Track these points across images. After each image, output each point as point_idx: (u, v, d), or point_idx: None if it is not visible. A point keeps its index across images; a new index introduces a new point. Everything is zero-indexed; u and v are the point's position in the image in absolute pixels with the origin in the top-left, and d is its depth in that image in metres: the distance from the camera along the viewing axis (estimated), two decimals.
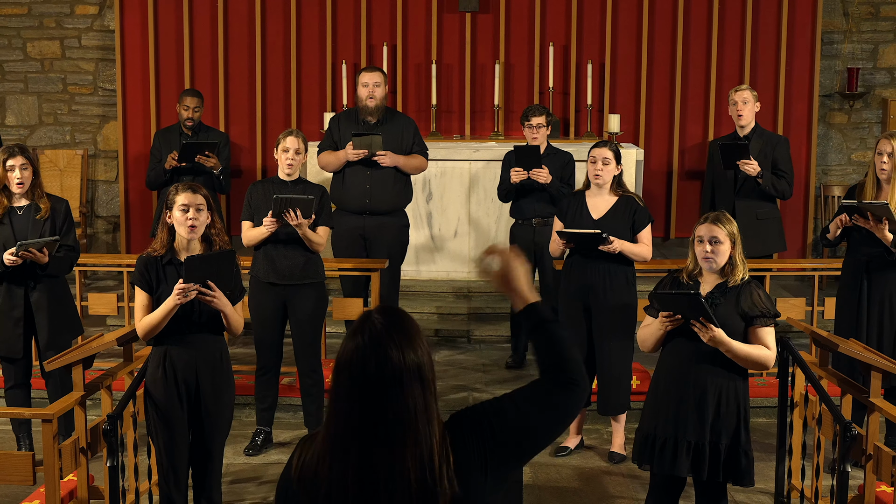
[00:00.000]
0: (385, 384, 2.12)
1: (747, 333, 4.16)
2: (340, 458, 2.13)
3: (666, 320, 4.15)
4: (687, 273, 4.29)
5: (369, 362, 2.13)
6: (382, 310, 2.20)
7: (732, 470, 4.16)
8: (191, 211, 4.44)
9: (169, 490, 4.54)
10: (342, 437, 2.14)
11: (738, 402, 4.17)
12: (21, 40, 9.48)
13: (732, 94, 6.99)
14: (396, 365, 2.13)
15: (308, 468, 2.17)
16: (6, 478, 4.34)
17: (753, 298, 4.16)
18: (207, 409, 4.53)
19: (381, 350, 2.13)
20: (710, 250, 4.17)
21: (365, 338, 2.14)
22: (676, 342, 4.20)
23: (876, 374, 4.45)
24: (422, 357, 2.16)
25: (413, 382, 2.14)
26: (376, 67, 7.01)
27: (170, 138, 7.47)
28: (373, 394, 2.13)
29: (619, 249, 5.50)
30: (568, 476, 5.62)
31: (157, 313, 4.42)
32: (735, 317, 4.14)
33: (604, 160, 5.60)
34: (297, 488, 2.17)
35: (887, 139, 5.41)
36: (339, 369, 2.17)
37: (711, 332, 4.04)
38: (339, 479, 2.12)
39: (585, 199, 5.69)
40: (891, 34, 9.37)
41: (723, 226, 4.20)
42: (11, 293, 5.48)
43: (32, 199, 5.48)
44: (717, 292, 4.18)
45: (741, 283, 4.19)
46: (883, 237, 5.30)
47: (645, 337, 4.32)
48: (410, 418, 2.12)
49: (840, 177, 9.44)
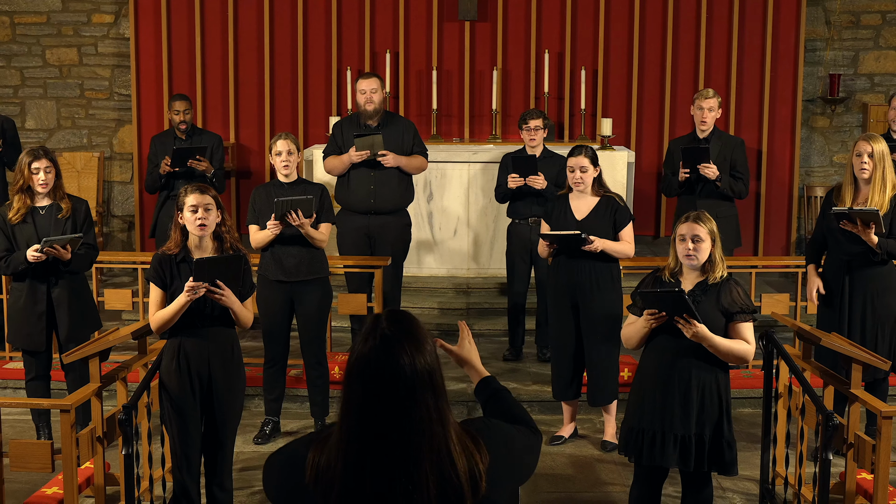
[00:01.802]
0: (398, 390, 2.06)
1: (728, 328, 4.16)
2: (355, 463, 2.07)
3: (651, 318, 4.14)
4: (669, 271, 4.27)
5: (383, 370, 2.07)
6: (392, 315, 2.15)
7: (717, 460, 4.15)
8: (199, 211, 4.46)
9: (182, 477, 4.54)
10: (357, 442, 2.07)
11: (721, 394, 4.17)
12: (40, 48, 9.48)
13: (700, 100, 6.95)
14: (408, 372, 2.07)
15: (323, 470, 2.11)
16: (26, 465, 4.34)
17: (733, 295, 4.15)
18: (219, 399, 4.53)
19: (392, 358, 2.07)
20: (692, 248, 4.17)
21: (377, 344, 2.09)
22: (660, 339, 4.19)
23: (857, 367, 4.45)
24: (432, 363, 2.12)
25: (426, 388, 2.09)
26: (372, 73, 7.00)
27: (164, 143, 7.41)
28: (386, 400, 2.06)
29: (600, 248, 5.50)
30: (562, 463, 5.63)
31: (170, 309, 4.43)
32: (716, 313, 4.14)
33: (581, 168, 5.60)
34: (313, 489, 2.11)
35: (866, 140, 5.39)
36: (351, 375, 2.11)
37: (695, 328, 4.04)
38: (354, 482, 2.06)
39: (569, 202, 5.70)
40: (870, 42, 9.37)
41: (703, 224, 4.20)
42: (34, 289, 5.47)
43: (54, 199, 5.48)
44: (698, 290, 4.18)
45: (721, 281, 4.18)
46: (869, 240, 5.29)
47: (629, 335, 4.30)
48: (424, 423, 2.07)
49: (822, 178, 9.44)
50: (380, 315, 2.16)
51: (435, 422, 2.08)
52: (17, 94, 9.54)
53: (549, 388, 6.33)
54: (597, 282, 5.58)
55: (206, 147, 7.24)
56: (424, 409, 2.07)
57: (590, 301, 5.59)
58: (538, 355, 7.05)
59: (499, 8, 9.01)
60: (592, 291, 5.58)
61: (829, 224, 5.46)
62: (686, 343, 4.10)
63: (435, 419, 2.08)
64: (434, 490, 2.05)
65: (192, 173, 7.11)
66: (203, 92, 9.14)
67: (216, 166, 7.27)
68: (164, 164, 7.17)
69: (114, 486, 4.90)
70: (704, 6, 8.97)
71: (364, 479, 2.05)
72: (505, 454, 2.20)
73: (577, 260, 5.58)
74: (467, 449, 2.11)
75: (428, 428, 2.06)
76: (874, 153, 5.34)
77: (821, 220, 5.68)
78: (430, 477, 2.05)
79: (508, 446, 2.23)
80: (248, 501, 5.11)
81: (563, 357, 5.75)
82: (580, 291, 5.60)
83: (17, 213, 5.40)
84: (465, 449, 2.10)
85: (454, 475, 2.06)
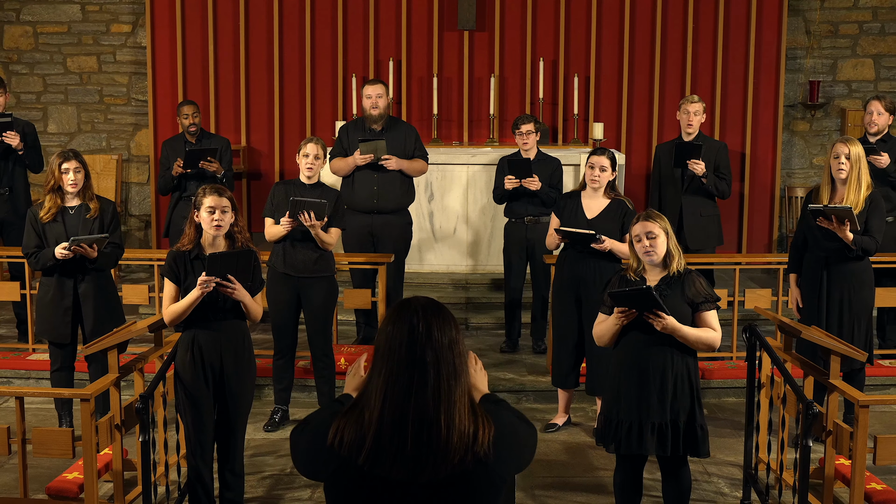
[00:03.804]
0: (428, 352, 2.21)
1: (694, 318, 4.15)
2: (393, 408, 2.19)
3: (622, 315, 4.13)
4: (633, 271, 4.26)
5: (421, 336, 2.22)
6: (422, 298, 2.31)
7: (691, 443, 4.15)
8: (217, 213, 4.45)
9: (196, 462, 4.54)
10: (389, 398, 2.19)
11: (691, 382, 4.16)
12: (62, 56, 9.47)
13: (686, 105, 6.96)
14: (438, 338, 2.23)
15: (355, 429, 2.21)
16: (49, 451, 4.34)
17: (696, 287, 4.15)
18: (231, 389, 4.53)
19: (430, 327, 2.23)
20: (648, 245, 4.16)
21: (418, 318, 2.24)
22: (632, 334, 4.17)
23: (835, 358, 4.44)
24: (454, 336, 2.26)
25: (448, 354, 2.23)
26: (378, 80, 6.99)
27: (176, 147, 7.39)
28: (423, 359, 2.21)
29: (609, 248, 5.50)
30: (556, 450, 5.62)
31: (183, 302, 4.43)
32: (683, 305, 4.13)
33: (601, 167, 5.60)
34: (338, 449, 2.20)
35: (843, 143, 5.38)
36: (393, 339, 2.23)
37: (664, 321, 4.03)
38: (391, 424, 2.18)
39: (581, 200, 5.69)
40: (848, 51, 9.37)
41: (655, 221, 4.19)
42: (62, 284, 5.47)
43: (84, 199, 5.47)
44: (663, 284, 4.17)
45: (683, 274, 4.18)
46: (844, 236, 5.29)
47: (601, 332, 4.28)
48: (443, 384, 2.20)
49: (803, 179, 9.44)
50: (410, 299, 2.31)
51: (453, 383, 2.21)
52: (40, 100, 9.53)
53: (544, 378, 6.33)
54: (600, 278, 5.56)
55: (216, 149, 7.23)
56: (446, 369, 2.22)
57: (593, 295, 5.56)
58: (533, 347, 7.04)
59: (496, 18, 9.00)
60: (596, 286, 5.55)
61: (809, 222, 5.46)
62: (657, 336, 4.10)
63: (453, 381, 2.21)
64: (444, 433, 2.17)
65: (204, 174, 7.10)
66: (216, 97, 9.13)
67: (225, 167, 7.26)
68: (176, 165, 7.16)
69: (131, 471, 4.90)
70: (691, 17, 8.97)
71: (396, 427, 2.18)
72: (509, 433, 2.27)
73: (584, 256, 5.57)
74: (477, 416, 2.23)
75: (447, 384, 2.20)
76: (850, 155, 5.34)
77: (801, 221, 5.68)
78: (446, 427, 2.17)
79: (511, 429, 2.29)
80: (258, 485, 5.10)
81: (564, 347, 5.74)
82: (584, 286, 5.59)
83: (49, 213, 5.39)
84: (474, 415, 2.23)
85: (465, 429, 2.19)
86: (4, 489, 5.01)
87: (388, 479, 2.17)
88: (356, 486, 2.20)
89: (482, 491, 2.21)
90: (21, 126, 6.99)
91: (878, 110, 6.66)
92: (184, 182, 7.24)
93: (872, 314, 5.68)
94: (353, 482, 2.20)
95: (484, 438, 2.20)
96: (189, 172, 7.14)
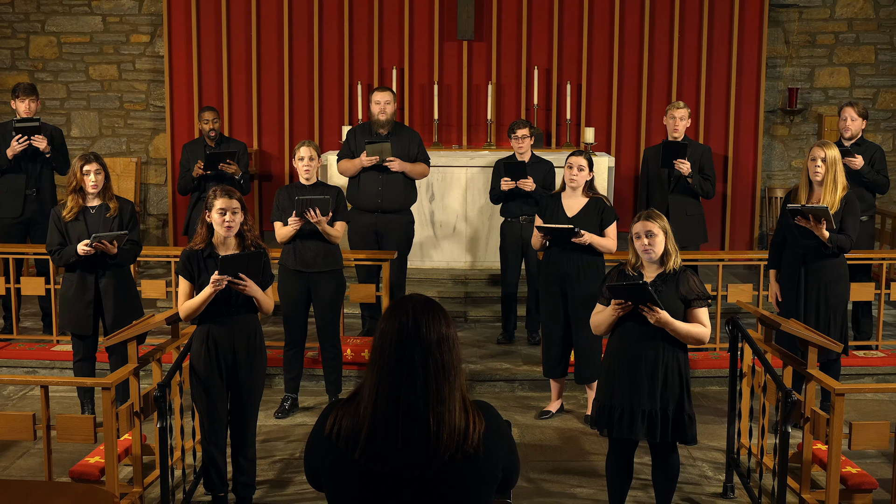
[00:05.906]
0: (417, 351, 2.14)
1: (686, 314, 4.15)
2: (382, 411, 2.13)
3: (618, 307, 4.13)
4: (631, 266, 4.26)
5: (409, 334, 2.15)
6: (416, 296, 2.24)
7: (679, 431, 4.15)
8: (227, 214, 4.44)
9: (210, 448, 4.53)
10: (383, 392, 2.14)
11: (681, 372, 4.16)
12: (84, 64, 9.46)
13: (672, 111, 6.94)
14: (426, 336, 2.15)
15: (351, 421, 2.17)
16: (72, 437, 4.33)
17: (690, 284, 4.15)
18: (243, 379, 4.52)
19: (418, 325, 2.16)
20: (647, 243, 4.15)
21: (407, 316, 2.17)
22: (627, 325, 4.17)
23: (812, 349, 4.44)
24: (446, 333, 2.18)
25: (439, 350, 2.16)
26: (387, 87, 6.98)
27: (195, 150, 7.38)
28: (412, 357, 2.14)
29: (588, 241, 5.49)
30: (550, 436, 5.62)
31: (197, 299, 4.42)
32: (676, 300, 4.12)
33: (579, 167, 5.59)
34: (340, 443, 2.16)
35: (820, 147, 5.37)
36: (385, 336, 2.17)
37: (658, 314, 4.03)
38: (381, 427, 2.12)
39: (561, 200, 5.68)
40: (825, 59, 9.35)
41: (655, 220, 4.18)
42: (84, 279, 5.46)
43: (104, 199, 5.46)
44: (659, 280, 4.16)
45: (679, 271, 4.17)
46: (820, 234, 5.28)
47: (598, 322, 4.28)
48: (431, 378, 2.14)
49: (782, 181, 9.43)
50: (406, 296, 2.24)
51: (442, 380, 2.14)
52: (64, 106, 9.53)
53: (538, 368, 6.32)
54: (584, 272, 5.57)
55: (235, 152, 7.23)
56: (435, 366, 2.14)
57: (577, 289, 5.57)
58: (528, 339, 7.04)
59: (493, 29, 8.99)
60: (580, 280, 5.56)
61: (787, 221, 5.46)
62: (650, 328, 4.09)
63: (442, 378, 2.14)
64: (434, 428, 2.11)
65: (223, 176, 7.10)
66: (229, 103, 9.12)
67: (242, 170, 7.25)
68: (196, 167, 7.15)
69: (149, 456, 4.89)
70: (677, 28, 8.95)
71: (388, 423, 2.12)
72: (498, 428, 2.24)
73: (567, 252, 5.56)
74: (468, 413, 2.17)
75: (435, 382, 2.13)
76: (827, 158, 5.33)
77: (781, 220, 5.67)
78: (435, 423, 2.12)
79: (502, 428, 2.26)
80: (269, 469, 5.10)
81: (552, 339, 5.73)
82: (568, 280, 5.58)
83: (71, 212, 5.39)
84: (465, 411, 2.17)
85: (455, 426, 2.13)
86: (30, 472, 5.01)
87: (381, 472, 2.13)
88: (352, 479, 2.16)
89: (473, 485, 2.16)
90: (49, 130, 6.98)
91: (852, 116, 6.65)
92: (203, 183, 7.23)
93: (847, 308, 5.68)
94: (349, 475, 2.16)
95: (475, 435, 2.14)
96: (209, 174, 7.13)
